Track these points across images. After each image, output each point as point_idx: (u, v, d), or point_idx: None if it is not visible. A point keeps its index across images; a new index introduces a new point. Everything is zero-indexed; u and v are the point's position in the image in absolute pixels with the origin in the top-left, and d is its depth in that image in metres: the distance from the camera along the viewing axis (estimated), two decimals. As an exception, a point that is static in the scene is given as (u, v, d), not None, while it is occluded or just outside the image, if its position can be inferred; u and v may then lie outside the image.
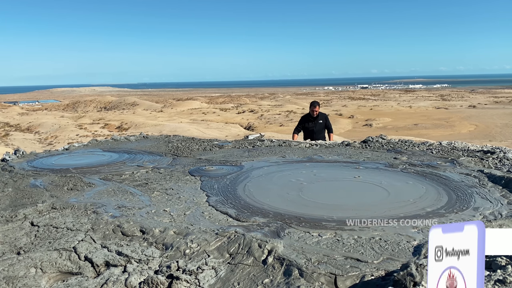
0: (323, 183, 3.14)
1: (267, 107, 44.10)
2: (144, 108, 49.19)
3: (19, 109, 50.95)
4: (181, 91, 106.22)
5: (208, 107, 48.38)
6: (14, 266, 1.86)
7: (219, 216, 2.44)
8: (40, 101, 74.86)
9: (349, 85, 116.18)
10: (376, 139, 5.03)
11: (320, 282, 1.55)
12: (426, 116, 33.10)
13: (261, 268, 1.71)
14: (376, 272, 1.58)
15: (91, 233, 2.15)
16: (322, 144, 4.92)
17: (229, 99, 61.77)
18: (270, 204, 2.63)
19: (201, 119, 37.30)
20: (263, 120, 34.03)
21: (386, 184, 3.02)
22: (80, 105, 58.55)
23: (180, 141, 5.46)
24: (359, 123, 31.45)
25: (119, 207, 2.61)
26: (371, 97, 58.48)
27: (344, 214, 2.37)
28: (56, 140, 27.15)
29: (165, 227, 2.14)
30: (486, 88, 78.41)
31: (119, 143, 5.59)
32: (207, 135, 23.44)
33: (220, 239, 1.95)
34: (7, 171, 3.87)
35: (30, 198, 2.92)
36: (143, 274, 1.73)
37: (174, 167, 3.83)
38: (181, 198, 2.83)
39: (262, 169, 3.63)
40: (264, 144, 5.03)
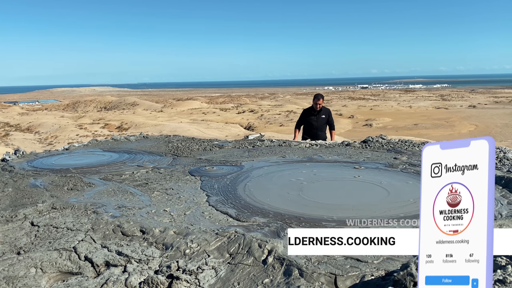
0: (323, 183, 3.14)
1: (267, 107, 44.09)
2: (144, 108, 49.19)
3: (19, 109, 50.94)
4: (181, 91, 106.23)
5: (208, 107, 48.37)
6: (14, 266, 1.86)
7: (219, 216, 2.44)
8: (40, 101, 74.86)
9: (349, 85, 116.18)
10: (376, 139, 5.03)
11: (320, 282, 1.55)
12: (426, 116, 33.09)
13: (261, 268, 1.71)
14: (376, 272, 1.58)
15: (91, 233, 2.15)
16: (322, 144, 4.92)
17: (229, 99, 61.76)
18: (270, 204, 2.63)
19: (201, 119, 37.30)
20: (263, 120, 34.03)
21: (386, 184, 3.02)
22: (80, 105, 58.54)
23: (180, 141, 5.46)
24: (359, 123, 31.45)
25: (119, 207, 2.61)
26: (371, 97, 58.47)
27: (344, 214, 2.37)
28: (56, 140, 27.15)
29: (165, 227, 2.14)
30: (486, 88, 78.40)
31: (119, 143, 5.59)
32: (207, 135, 23.44)
33: (220, 239, 1.95)
34: (7, 171, 3.87)
35: (30, 198, 2.92)
36: (143, 274, 1.74)
37: (174, 167, 3.83)
38: (181, 198, 2.83)
39: (262, 169, 3.63)
40: (264, 144, 5.03)
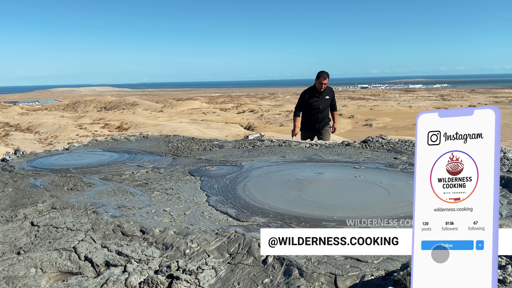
0: (323, 183, 3.15)
1: (267, 107, 44.09)
2: (144, 108, 49.20)
3: (19, 109, 50.95)
4: (181, 91, 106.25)
5: (208, 107, 48.38)
6: (14, 266, 1.86)
7: (219, 216, 2.44)
8: (40, 101, 74.85)
9: (349, 85, 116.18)
10: (376, 139, 5.03)
11: (320, 282, 1.55)
12: (426, 116, 33.00)
13: (261, 268, 1.71)
14: (376, 272, 1.58)
15: (91, 233, 2.15)
16: (322, 144, 4.92)
17: (229, 99, 61.76)
18: (270, 204, 2.63)
19: (201, 119, 37.29)
20: (263, 120, 34.02)
21: (386, 184, 3.02)
22: (80, 105, 58.55)
23: (180, 141, 5.46)
24: (359, 123, 31.45)
25: (119, 207, 2.61)
26: (371, 97, 58.47)
27: (344, 214, 2.37)
28: (56, 140, 27.15)
29: (165, 227, 2.14)
30: (486, 88, 78.37)
31: (119, 143, 5.59)
32: (207, 135, 23.44)
33: (220, 239, 1.95)
34: (7, 171, 3.87)
35: (30, 198, 2.92)
36: (143, 274, 1.74)
37: (174, 167, 3.83)
38: (181, 198, 2.83)
39: (262, 169, 3.63)
40: (264, 144, 5.03)
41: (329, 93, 5.85)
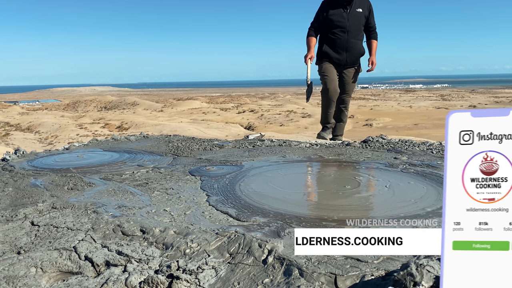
0: (323, 183, 3.15)
1: (267, 107, 44.07)
2: (144, 107, 49.19)
3: (20, 109, 50.94)
4: (181, 91, 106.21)
5: (208, 107, 48.35)
6: (14, 266, 1.86)
7: (219, 215, 2.44)
8: (40, 100, 74.82)
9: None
10: (376, 139, 5.03)
11: (320, 282, 1.55)
12: (427, 116, 33.07)
13: (261, 267, 1.71)
14: (376, 272, 1.58)
15: (91, 233, 2.15)
16: (322, 144, 4.92)
17: (229, 99, 61.73)
18: (270, 204, 2.63)
19: (202, 119, 37.28)
20: (263, 120, 34.01)
21: (386, 184, 3.02)
22: (80, 105, 58.54)
23: (181, 140, 5.46)
24: (359, 123, 31.44)
25: (119, 207, 2.61)
26: (371, 97, 58.43)
27: (344, 214, 2.37)
28: (56, 139, 27.14)
29: (165, 226, 2.14)
30: (487, 88, 78.34)
31: (119, 143, 5.59)
32: (208, 134, 23.42)
33: (220, 239, 1.95)
34: (8, 171, 3.87)
35: (31, 198, 2.92)
36: (143, 273, 1.73)
37: (175, 167, 3.83)
38: (181, 197, 2.83)
39: (262, 169, 3.63)
40: (264, 144, 5.03)
41: (363, 4, 3.82)
